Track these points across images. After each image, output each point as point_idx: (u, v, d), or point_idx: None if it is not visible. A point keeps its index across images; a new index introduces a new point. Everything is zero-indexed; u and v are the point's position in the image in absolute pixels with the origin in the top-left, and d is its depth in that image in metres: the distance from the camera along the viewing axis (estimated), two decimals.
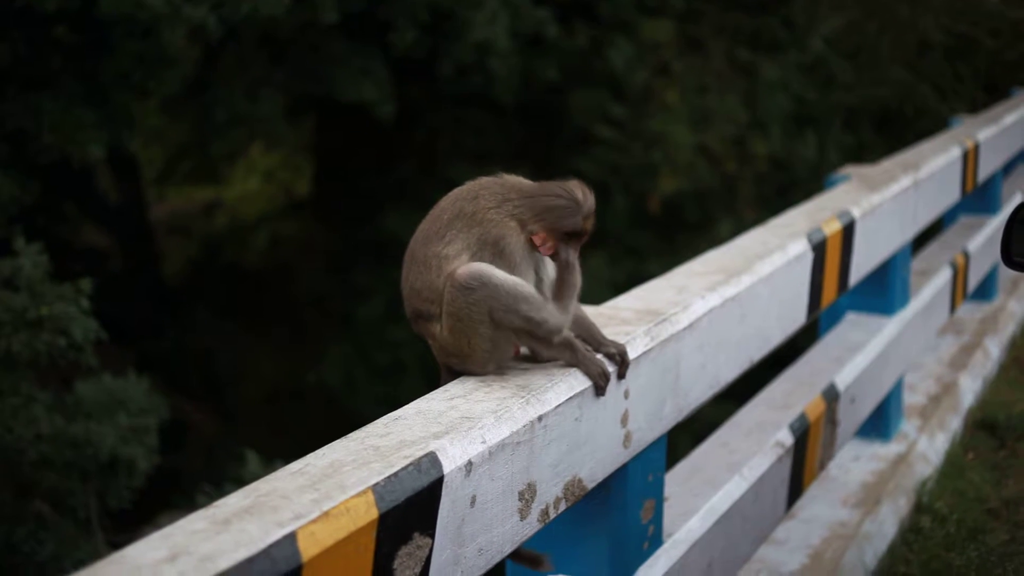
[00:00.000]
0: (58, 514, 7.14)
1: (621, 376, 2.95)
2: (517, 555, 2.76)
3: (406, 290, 2.80)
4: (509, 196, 2.79)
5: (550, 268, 2.88)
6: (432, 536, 2.30)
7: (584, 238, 2.83)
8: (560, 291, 2.82)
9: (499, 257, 2.72)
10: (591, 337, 2.91)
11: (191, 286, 18.26)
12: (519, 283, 2.70)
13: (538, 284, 2.82)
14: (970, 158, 7.14)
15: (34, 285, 6.87)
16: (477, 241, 2.73)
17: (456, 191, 2.83)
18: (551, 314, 2.74)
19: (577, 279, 2.83)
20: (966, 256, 7.19)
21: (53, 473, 7.06)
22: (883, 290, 5.74)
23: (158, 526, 1.96)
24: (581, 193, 2.81)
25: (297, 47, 13.89)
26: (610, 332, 3.02)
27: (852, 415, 4.96)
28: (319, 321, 16.65)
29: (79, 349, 6.92)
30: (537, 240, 2.77)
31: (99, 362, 7.28)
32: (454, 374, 2.81)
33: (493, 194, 2.79)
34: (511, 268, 2.73)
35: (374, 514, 2.13)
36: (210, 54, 13.81)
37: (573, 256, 2.81)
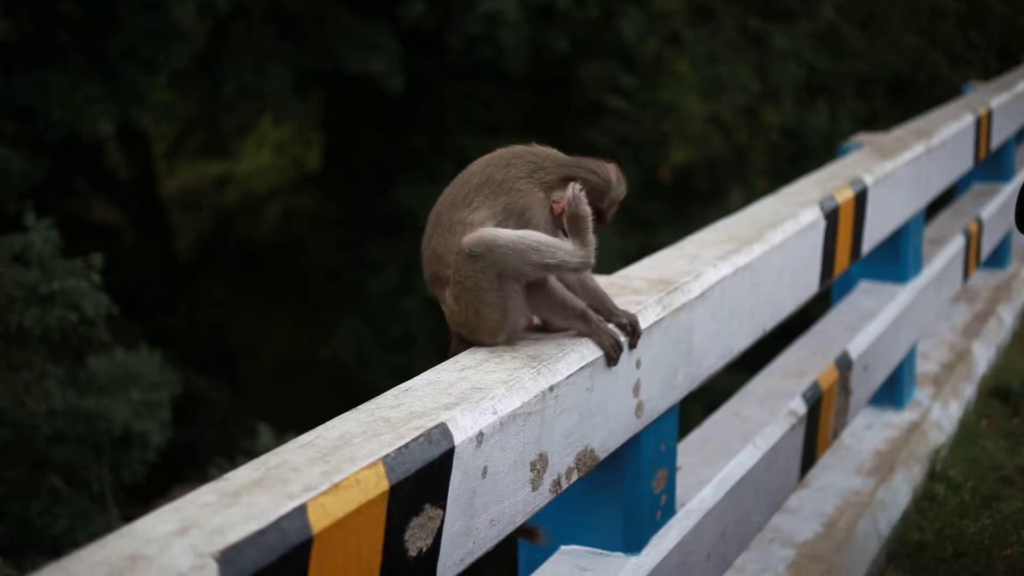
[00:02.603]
0: (72, 488, 7.17)
1: (632, 346, 2.94)
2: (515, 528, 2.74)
3: (427, 252, 2.76)
4: (543, 164, 2.76)
5: None
6: (443, 507, 2.30)
7: (603, 223, 2.80)
8: (573, 227, 2.73)
9: (523, 227, 2.70)
10: (603, 307, 2.89)
11: (203, 260, 18.29)
12: (523, 236, 2.63)
13: None
14: (983, 125, 7.09)
15: (45, 260, 6.88)
16: (504, 210, 2.70)
17: (488, 157, 2.79)
18: (569, 253, 2.67)
19: (585, 210, 2.73)
20: (979, 223, 7.16)
21: (67, 448, 7.09)
22: (896, 258, 5.71)
23: (171, 500, 1.95)
24: (615, 176, 2.79)
25: (305, 20, 13.86)
26: (622, 301, 3.00)
27: (865, 383, 4.95)
28: (331, 294, 16.66)
29: (91, 324, 6.94)
30: (556, 208, 2.73)
31: (111, 337, 7.30)
32: (465, 343, 2.79)
33: (526, 163, 2.75)
34: None
35: (385, 486, 2.12)
36: (219, 28, 13.77)
37: (577, 189, 2.74)
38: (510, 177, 2.72)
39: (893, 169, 5.16)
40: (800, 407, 4.21)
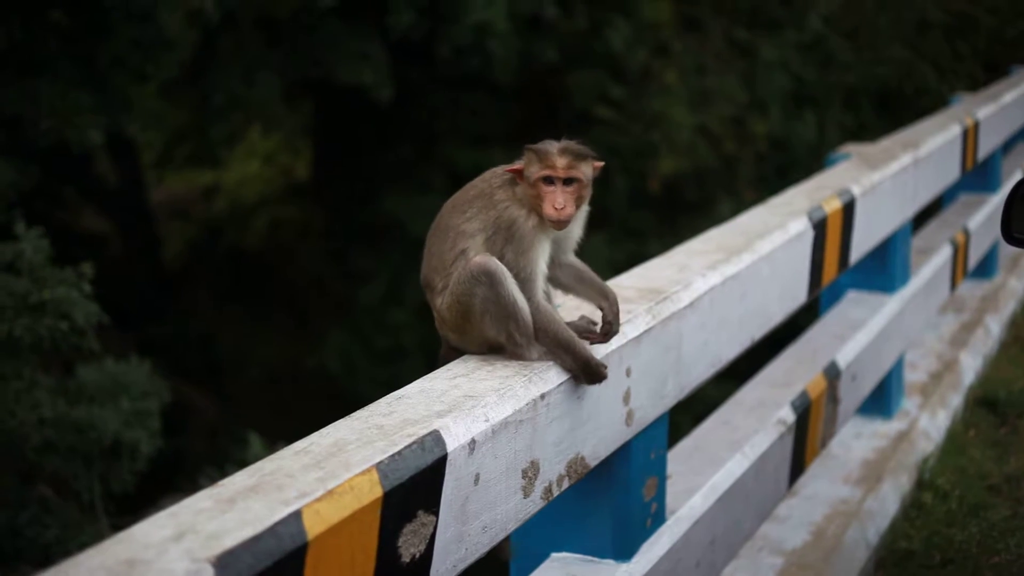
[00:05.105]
0: (61, 498, 7.15)
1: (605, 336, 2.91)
2: None
3: (426, 251, 2.83)
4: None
5: (576, 230, 2.87)
6: (436, 514, 2.31)
7: (558, 181, 2.71)
8: (553, 344, 2.78)
9: (510, 242, 2.73)
10: (610, 310, 2.87)
11: (191, 270, 18.25)
12: (521, 302, 2.70)
13: (553, 253, 2.82)
14: (970, 136, 7.13)
15: (35, 269, 6.86)
16: (493, 223, 2.75)
17: (489, 171, 2.86)
18: (531, 346, 2.75)
19: (561, 332, 2.77)
20: (966, 234, 7.20)
21: (56, 457, 7.06)
22: (884, 268, 5.74)
23: (162, 509, 1.97)
24: (552, 143, 2.78)
25: (294, 30, 13.87)
26: None
27: (853, 393, 4.97)
28: (319, 304, 16.65)
29: (81, 333, 6.92)
30: (517, 175, 2.76)
31: (101, 346, 7.28)
32: (456, 350, 2.82)
33: (502, 174, 2.80)
34: (518, 254, 2.72)
35: (378, 492, 2.14)
36: (208, 38, 13.78)
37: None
38: (493, 189, 2.78)
39: (880, 180, 5.19)
40: (789, 416, 4.23)
